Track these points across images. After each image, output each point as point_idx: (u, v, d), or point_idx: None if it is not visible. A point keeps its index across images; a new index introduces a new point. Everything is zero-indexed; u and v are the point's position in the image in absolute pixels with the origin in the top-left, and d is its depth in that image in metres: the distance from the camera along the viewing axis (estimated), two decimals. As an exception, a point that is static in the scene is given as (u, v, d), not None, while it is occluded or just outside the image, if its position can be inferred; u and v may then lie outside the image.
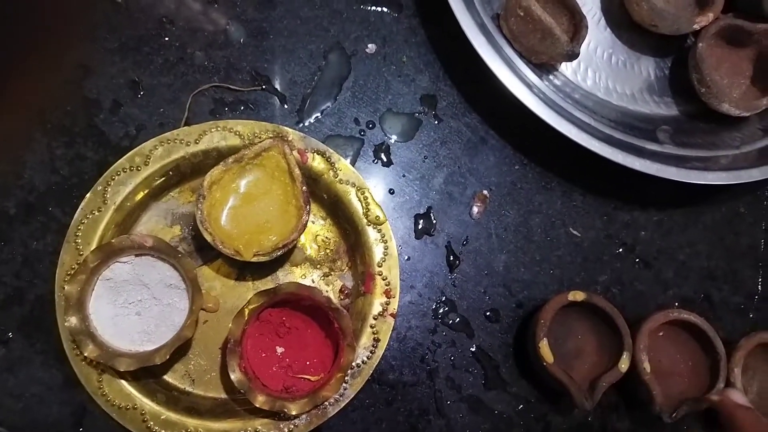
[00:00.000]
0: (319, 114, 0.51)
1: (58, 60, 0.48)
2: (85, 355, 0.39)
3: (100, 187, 0.44)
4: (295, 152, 0.46)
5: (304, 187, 0.44)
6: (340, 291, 0.48)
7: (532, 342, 0.47)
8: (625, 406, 0.50)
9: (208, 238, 0.42)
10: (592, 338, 0.49)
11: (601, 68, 0.57)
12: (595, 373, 0.47)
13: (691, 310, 0.48)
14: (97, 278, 0.41)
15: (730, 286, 0.54)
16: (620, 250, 0.53)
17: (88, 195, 0.44)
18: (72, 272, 0.42)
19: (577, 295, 0.47)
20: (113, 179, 0.44)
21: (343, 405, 0.44)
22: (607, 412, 0.50)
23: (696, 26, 0.54)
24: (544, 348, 0.46)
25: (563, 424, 0.49)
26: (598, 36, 0.57)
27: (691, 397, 0.47)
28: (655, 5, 0.53)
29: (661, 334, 0.50)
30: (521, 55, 0.52)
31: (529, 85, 0.50)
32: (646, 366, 0.47)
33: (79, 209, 0.44)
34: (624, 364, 0.46)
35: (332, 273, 0.48)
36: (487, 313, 0.50)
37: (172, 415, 0.42)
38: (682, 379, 0.49)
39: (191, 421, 0.42)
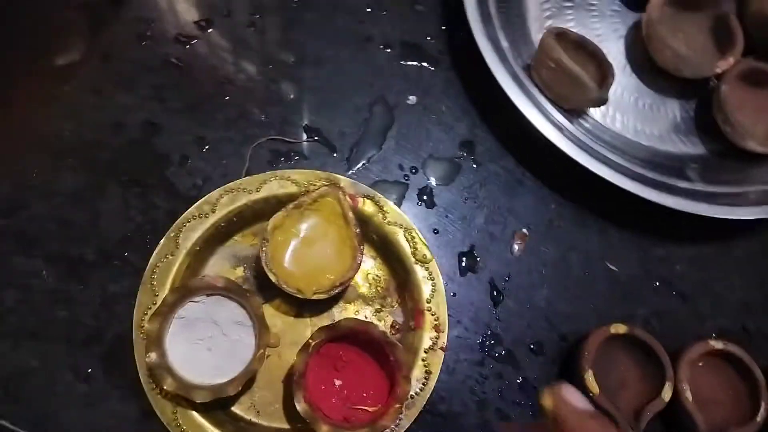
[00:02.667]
0: (366, 161, 0.55)
1: (129, 117, 0.53)
2: (165, 387, 0.42)
3: (173, 234, 0.48)
4: (347, 197, 0.49)
5: (357, 230, 0.48)
6: (391, 326, 0.51)
7: (578, 374, 0.49)
8: (669, 435, 0.51)
9: (273, 279, 0.46)
10: (635, 370, 0.51)
11: (628, 111, 0.60)
12: (638, 404, 0.49)
13: (729, 341, 0.50)
14: (173, 317, 0.45)
15: (766, 316, 0.56)
16: (657, 283, 0.55)
17: (162, 240, 0.48)
18: (148, 311, 0.46)
19: (619, 328, 0.49)
20: (184, 226, 0.48)
21: (399, 435, 0.46)
22: (652, 442, 0.51)
23: (718, 70, 0.57)
24: (590, 380, 0.48)
25: (610, 453, 0.50)
26: (624, 81, 0.61)
27: (734, 425, 0.48)
28: (678, 51, 0.57)
29: (701, 364, 0.51)
30: (552, 102, 0.56)
31: (560, 129, 0.53)
32: (689, 395, 0.49)
33: (154, 254, 0.48)
34: (667, 394, 0.48)
35: (383, 309, 0.51)
36: (531, 346, 0.52)
37: (241, 446, 0.45)
38: (724, 407, 0.51)
39: (258, 451, 0.45)
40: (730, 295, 0.56)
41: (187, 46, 0.56)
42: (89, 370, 0.47)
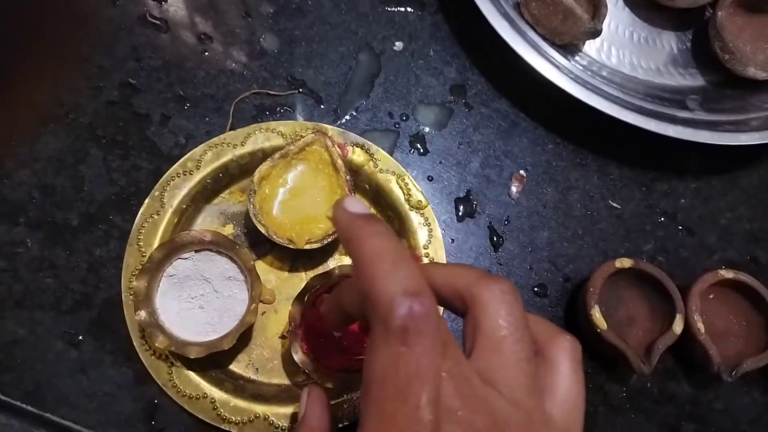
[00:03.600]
0: (354, 111, 0.53)
1: (106, 79, 0.51)
2: (157, 345, 0.41)
3: (157, 192, 0.47)
4: (337, 149, 0.48)
5: (348, 177, 0.46)
6: (390, 276, 0.49)
7: (584, 312, 0.47)
8: (682, 371, 0.50)
9: (262, 230, 0.44)
10: (643, 305, 0.49)
11: (624, 46, 0.58)
12: (649, 339, 0.47)
13: (739, 271, 0.48)
14: (162, 275, 0.43)
15: (777, 246, 0.54)
16: (662, 219, 0.53)
17: (146, 200, 0.46)
18: (136, 272, 0.44)
19: (624, 262, 0.48)
20: (168, 184, 0.47)
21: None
22: (664, 378, 0.50)
23: (713, -4, 0.55)
24: (597, 316, 0.46)
25: (621, 392, 0.49)
26: (617, 15, 0.59)
27: (748, 356, 0.47)
28: (671, -21, 0.55)
29: (711, 296, 0.50)
30: (545, 38, 0.54)
31: (556, 66, 0.51)
32: (701, 326, 0.47)
33: (139, 214, 0.46)
34: (678, 326, 0.46)
35: (380, 260, 0.49)
36: (535, 289, 0.51)
37: (240, 402, 0.43)
38: (738, 339, 0.49)
39: (259, 407, 0.43)
40: (738, 226, 0.54)
41: (162, 3, 0.54)
42: (80, 337, 0.45)
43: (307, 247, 0.45)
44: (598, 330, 0.46)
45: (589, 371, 0.49)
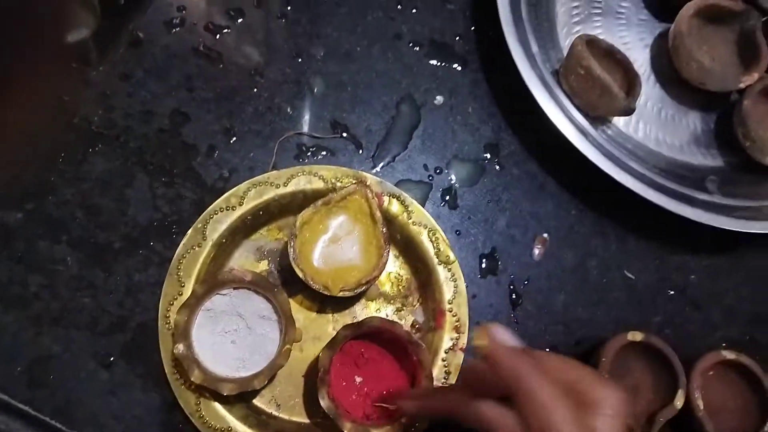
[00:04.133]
0: (391, 159, 0.55)
1: (158, 105, 0.52)
2: (192, 379, 0.42)
3: (200, 225, 0.48)
4: (375, 196, 0.50)
5: (384, 229, 0.48)
6: (412, 326, 0.51)
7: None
8: (679, 443, 0.53)
9: (300, 274, 0.46)
10: (649, 376, 0.51)
11: (651, 121, 0.61)
12: (650, 410, 0.50)
13: (739, 351, 0.51)
14: (200, 309, 0.45)
15: (776, 329, 0.57)
16: (672, 292, 0.56)
17: (189, 231, 0.48)
18: (174, 302, 0.46)
19: (636, 336, 0.50)
20: (212, 217, 0.48)
21: (421, 433, 0.46)
22: (662, 448, 0.52)
23: (741, 85, 0.58)
24: (605, 384, 0.49)
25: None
26: (647, 91, 0.61)
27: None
28: (703, 64, 0.57)
29: (711, 373, 0.52)
30: (579, 109, 0.56)
31: (584, 134, 0.54)
32: (700, 403, 0.50)
33: (181, 244, 0.48)
34: (679, 401, 0.49)
35: (404, 308, 0.51)
36: (547, 350, 0.53)
37: (262, 437, 0.45)
38: (733, 416, 0.52)
39: (278, 444, 0.45)
40: (742, 306, 0.57)
41: (218, 36, 0.56)
42: (112, 358, 0.47)
43: (341, 294, 0.46)
44: (606, 399, 0.48)
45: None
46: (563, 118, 0.53)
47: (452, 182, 0.56)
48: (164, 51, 0.54)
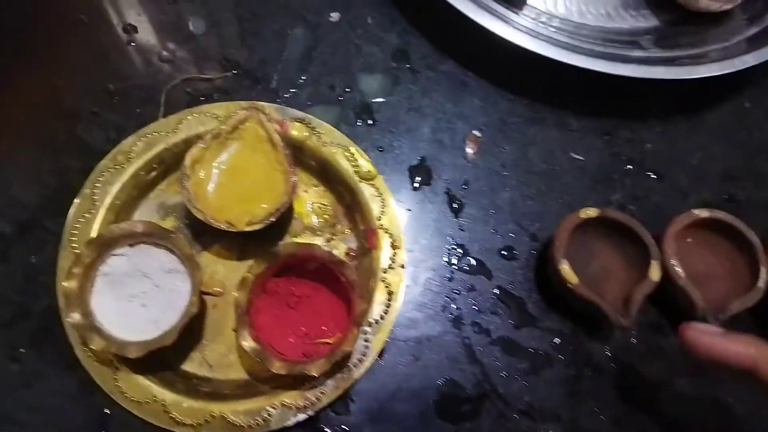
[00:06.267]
0: (294, 88, 0.51)
1: (30, 78, 0.48)
2: (93, 347, 0.38)
3: (87, 190, 0.44)
4: (274, 124, 0.45)
5: (286, 151, 0.44)
6: (347, 254, 0.46)
7: (553, 268, 0.44)
8: (668, 323, 0.47)
9: (199, 216, 0.42)
10: (617, 257, 0.46)
11: (569, -7, 0.56)
12: (627, 291, 0.45)
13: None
14: (96, 274, 0.41)
15: (753, 183, 0.51)
16: (628, 166, 0.51)
17: (76, 200, 0.44)
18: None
19: (590, 212, 0.45)
20: (99, 180, 0.44)
21: (367, 364, 0.42)
22: (650, 332, 0.47)
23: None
24: (566, 269, 0.43)
25: (605, 350, 0.46)
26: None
27: (735, 297, 0.44)
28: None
29: (689, 240, 0.47)
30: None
31: (504, 20, 0.49)
32: (679, 271, 0.44)
33: (69, 215, 0.43)
34: (654, 273, 0.44)
35: (334, 238, 0.47)
36: (502, 252, 0.48)
37: (194, 403, 0.40)
38: (722, 281, 0.46)
39: (215, 406, 0.40)
40: (709, 166, 0.52)
41: (82, -4, 0.52)
42: (20, 350, 0.42)
43: (248, 228, 0.42)
44: (569, 285, 0.43)
45: (567, 332, 0.46)
46: (475, 6, 0.49)
47: (365, 98, 0.51)
48: (30, 22, 0.50)
